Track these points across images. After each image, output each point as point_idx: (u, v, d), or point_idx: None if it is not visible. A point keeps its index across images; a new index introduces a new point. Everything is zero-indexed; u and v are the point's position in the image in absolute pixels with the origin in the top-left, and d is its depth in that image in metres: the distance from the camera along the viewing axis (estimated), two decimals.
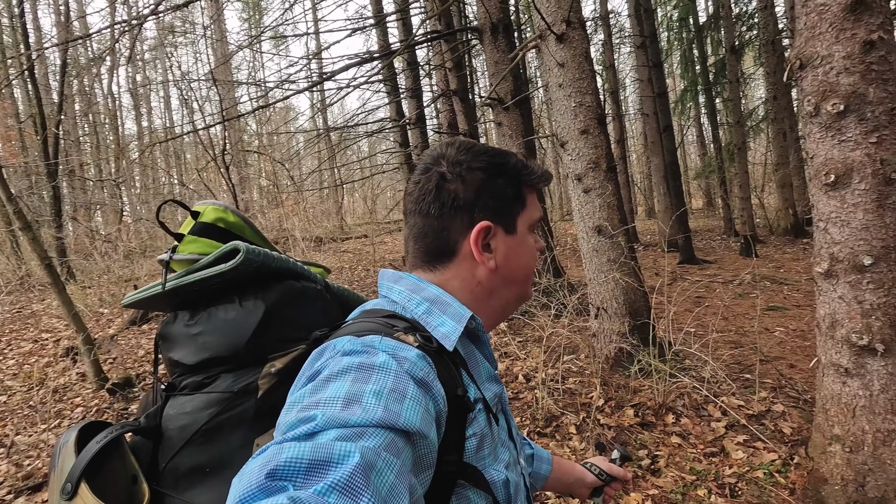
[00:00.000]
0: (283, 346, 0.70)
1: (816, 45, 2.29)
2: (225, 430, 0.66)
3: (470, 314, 0.65)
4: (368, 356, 0.52)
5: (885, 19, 2.16)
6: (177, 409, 0.69)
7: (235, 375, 0.69)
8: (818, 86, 2.29)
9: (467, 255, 0.67)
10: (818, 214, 2.42)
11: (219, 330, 0.71)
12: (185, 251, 0.78)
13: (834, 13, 2.21)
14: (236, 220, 0.83)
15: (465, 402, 0.58)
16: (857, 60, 2.19)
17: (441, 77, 8.54)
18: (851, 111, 2.20)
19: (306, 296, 0.77)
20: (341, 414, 0.44)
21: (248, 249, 0.70)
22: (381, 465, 0.41)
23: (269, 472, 0.38)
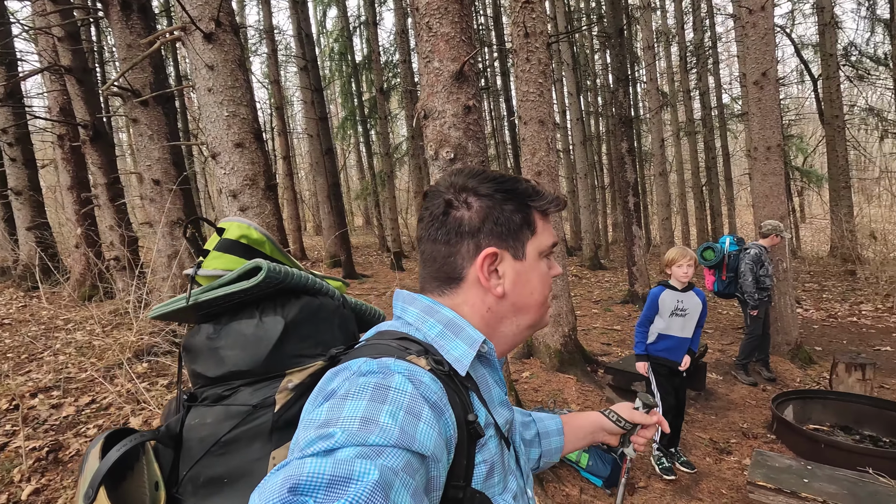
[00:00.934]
0: (301, 362, 0.71)
1: (435, 100, 2.76)
2: (243, 442, 0.67)
3: (483, 339, 0.66)
4: (384, 377, 0.53)
5: (476, 91, 2.79)
6: (197, 419, 0.70)
7: (254, 389, 0.70)
8: (436, 135, 2.77)
9: (475, 282, 0.68)
10: None
11: (239, 344, 0.72)
12: (209, 267, 0.80)
13: (446, 78, 2.71)
14: (259, 237, 0.85)
15: (476, 427, 0.58)
16: (461, 119, 2.74)
17: (50, 46, 6.47)
18: (459, 159, 2.74)
19: (324, 312, 0.78)
20: (359, 433, 0.45)
21: (270, 268, 0.72)
22: (398, 485, 0.42)
23: (290, 486, 0.39)
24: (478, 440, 0.59)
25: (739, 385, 4.76)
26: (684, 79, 14.66)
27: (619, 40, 7.27)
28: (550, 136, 4.60)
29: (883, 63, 15.82)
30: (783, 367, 5.10)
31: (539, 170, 4.57)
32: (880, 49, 15.67)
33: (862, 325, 6.79)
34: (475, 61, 2.80)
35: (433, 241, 0.69)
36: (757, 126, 5.09)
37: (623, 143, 7.42)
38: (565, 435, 0.98)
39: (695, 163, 15.22)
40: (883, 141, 17.71)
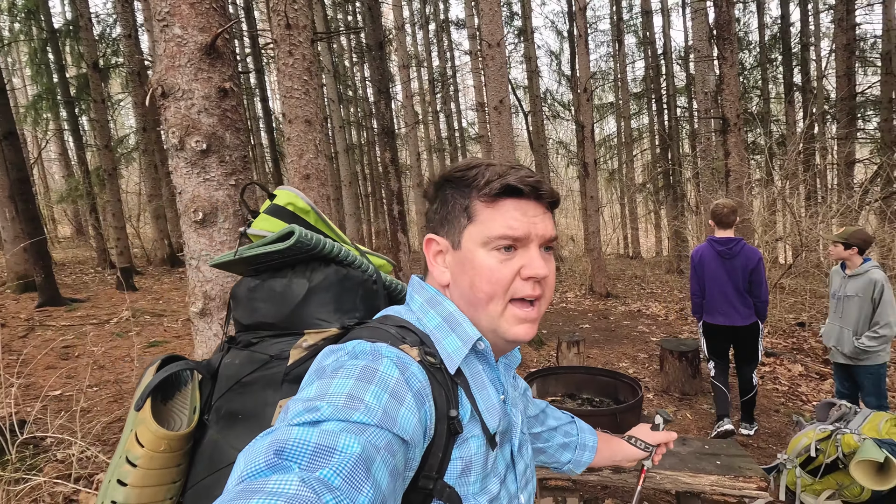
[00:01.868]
0: (320, 324, 0.77)
1: (178, 76, 2.20)
2: (258, 385, 0.74)
3: (478, 336, 0.66)
4: (374, 360, 0.55)
5: (234, 72, 2.35)
6: (230, 359, 0.80)
7: (275, 341, 0.77)
8: (181, 119, 2.21)
9: (430, 270, 0.72)
10: (190, 252, 2.33)
11: (269, 299, 0.79)
12: (256, 227, 0.90)
13: (192, 50, 2.19)
14: (304, 206, 0.93)
15: (456, 423, 0.58)
16: (214, 104, 2.25)
17: None
18: (213, 151, 2.25)
19: (349, 282, 0.81)
20: (344, 409, 0.47)
21: (302, 234, 0.76)
22: (379, 462, 0.44)
23: (276, 449, 0.41)
24: (457, 436, 0.59)
25: None
26: (433, 100, 16.29)
27: (380, 53, 7.50)
28: (318, 137, 4.34)
29: (567, 108, 20.77)
30: (524, 351, 6.02)
31: (307, 173, 4.26)
32: (566, 97, 20.49)
33: (570, 309, 8.63)
34: (230, 35, 2.35)
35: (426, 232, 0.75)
36: (497, 146, 5.89)
37: (387, 153, 7.68)
38: (597, 453, 1.06)
39: None
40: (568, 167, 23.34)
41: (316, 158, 4.32)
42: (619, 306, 8.74)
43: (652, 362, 5.58)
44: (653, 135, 18.15)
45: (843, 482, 2.55)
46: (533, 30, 15.57)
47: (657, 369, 5.20)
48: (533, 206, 0.66)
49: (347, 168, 12.55)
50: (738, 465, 2.50)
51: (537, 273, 0.65)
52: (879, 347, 3.16)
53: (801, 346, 5.83)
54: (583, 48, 8.91)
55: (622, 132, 19.10)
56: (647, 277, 12.05)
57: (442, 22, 17.40)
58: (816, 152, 13.90)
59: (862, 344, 3.18)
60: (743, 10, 16.62)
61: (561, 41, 20.04)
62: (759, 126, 15.44)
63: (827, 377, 4.79)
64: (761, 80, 16.55)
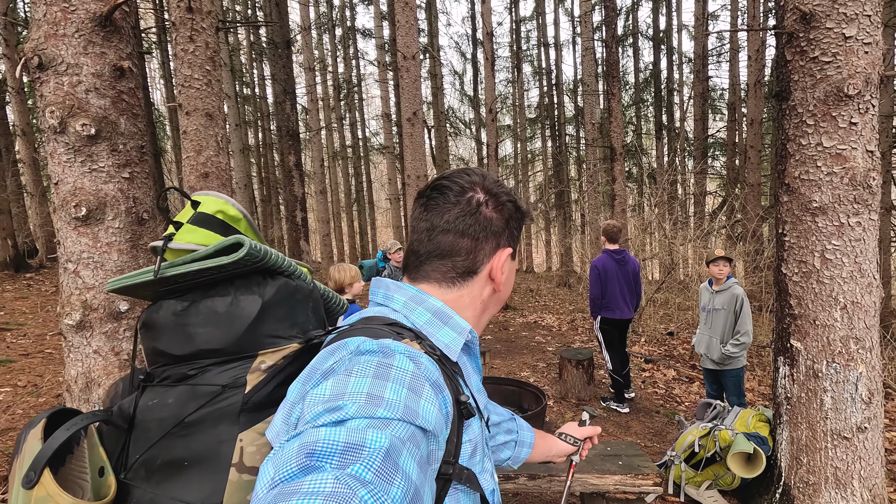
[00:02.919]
0: (275, 343, 0.71)
1: (62, 47, 1.87)
2: (208, 423, 0.65)
3: (469, 327, 0.70)
4: (385, 356, 0.55)
5: (133, 51, 2.06)
6: (156, 399, 0.68)
7: (223, 369, 0.68)
8: (64, 97, 1.88)
9: (484, 276, 0.73)
10: (66, 254, 1.97)
11: (212, 322, 0.70)
12: (183, 240, 0.78)
13: (82, 18, 1.88)
14: (236, 213, 0.84)
15: (468, 406, 0.60)
16: (108, 84, 1.95)
17: None
18: (104, 138, 1.94)
19: (299, 294, 0.77)
20: (367, 406, 0.47)
21: (252, 245, 0.70)
22: (406, 454, 0.45)
23: (308, 452, 0.41)
24: (466, 420, 0.61)
25: None
26: (337, 107, 15.90)
27: (287, 52, 7.14)
28: (220, 132, 3.98)
29: (468, 126, 21.57)
30: None
31: (206, 171, 3.88)
32: (468, 115, 21.26)
33: None
34: (131, 8, 2.06)
35: (459, 234, 0.70)
36: (409, 156, 5.89)
37: (291, 157, 7.29)
38: (534, 449, 1.10)
39: (347, 185, 16.66)
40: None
41: (217, 156, 3.95)
42: (517, 318, 9.16)
43: (550, 371, 5.91)
44: (546, 158, 19.54)
45: (719, 472, 2.90)
46: (439, 48, 16.00)
47: (555, 377, 5.51)
48: None
49: (242, 170, 11.69)
50: (637, 463, 2.72)
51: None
52: (740, 353, 3.68)
53: (672, 353, 6.58)
54: (489, 71, 9.32)
55: (518, 154, 20.31)
56: (540, 291, 12.82)
57: (348, 28, 17.14)
58: (679, 184, 16.02)
59: (728, 350, 3.67)
60: (622, 54, 18.72)
61: (465, 63, 20.85)
62: (634, 157, 17.43)
63: (695, 380, 5.45)
64: (636, 117, 18.74)
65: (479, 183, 0.73)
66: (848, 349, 2.41)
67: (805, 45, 2.35)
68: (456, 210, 0.71)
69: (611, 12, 8.31)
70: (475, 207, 0.71)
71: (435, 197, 0.72)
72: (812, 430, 2.53)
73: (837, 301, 2.40)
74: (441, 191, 0.72)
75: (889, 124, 7.27)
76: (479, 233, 0.71)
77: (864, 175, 2.31)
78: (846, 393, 2.42)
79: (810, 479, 2.54)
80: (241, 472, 0.62)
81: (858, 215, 2.33)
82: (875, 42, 2.25)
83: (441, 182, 0.73)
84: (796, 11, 2.35)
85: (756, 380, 5.38)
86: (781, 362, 2.68)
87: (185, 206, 0.84)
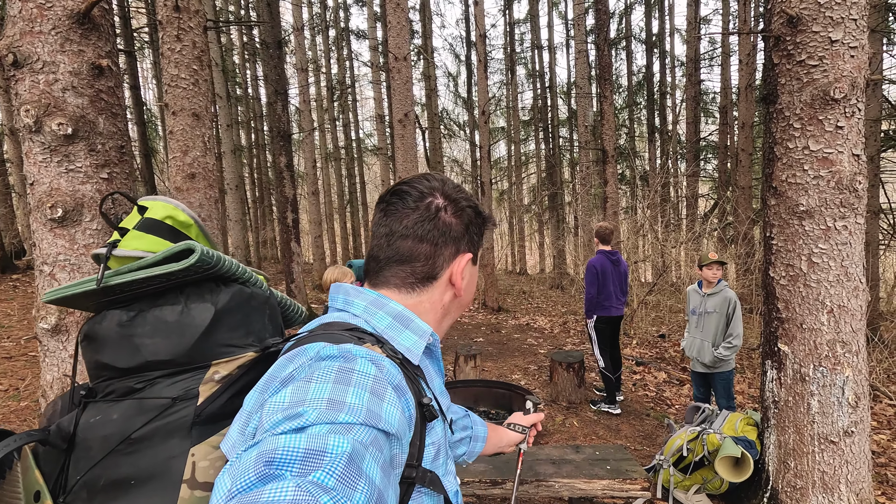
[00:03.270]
0: (230, 352, 0.69)
1: (38, 44, 1.83)
2: (157, 438, 0.62)
3: (430, 331, 0.70)
4: (347, 361, 0.54)
5: (113, 49, 2.02)
6: (99, 416, 0.64)
7: (173, 381, 0.65)
8: (39, 96, 1.84)
9: (444, 282, 0.73)
10: (42, 255, 1.93)
11: (160, 332, 0.67)
12: (129, 247, 0.75)
13: (59, 15, 1.84)
14: (186, 219, 0.81)
15: (431, 409, 0.61)
16: (86, 82, 1.91)
17: None
18: (81, 138, 1.90)
19: (255, 301, 0.76)
20: (328, 412, 0.46)
21: (204, 251, 0.68)
22: (369, 459, 0.44)
23: (266, 461, 0.39)
24: (429, 423, 0.61)
25: None
26: (330, 108, 15.84)
27: (279, 52, 7.10)
28: (207, 133, 3.93)
29: (462, 128, 21.57)
30: None
31: (193, 172, 3.83)
32: (462, 117, 21.27)
33: (464, 323, 8.83)
34: (111, 6, 2.03)
35: (418, 240, 0.70)
36: (401, 158, 5.87)
37: (282, 158, 7.24)
38: (487, 442, 1.12)
39: (340, 186, 16.59)
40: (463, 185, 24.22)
41: (204, 156, 3.90)
42: (509, 320, 9.15)
43: (541, 373, 5.89)
44: (539, 160, 19.58)
45: (707, 476, 2.89)
46: (433, 50, 15.99)
47: (546, 380, 5.50)
48: None
49: (234, 171, 11.62)
50: (625, 468, 2.70)
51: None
52: (731, 356, 3.68)
53: (663, 356, 6.59)
54: (482, 73, 9.32)
55: (512, 156, 20.33)
56: (533, 293, 12.82)
57: (342, 30, 17.10)
58: (671, 186, 16.10)
59: (720, 353, 3.66)
60: (615, 57, 18.80)
61: (459, 65, 20.85)
62: (627, 160, 17.50)
63: (685, 383, 5.46)
64: (628, 120, 18.82)
65: (438, 188, 0.73)
66: (835, 353, 2.41)
67: (792, 48, 2.35)
68: (415, 215, 0.71)
69: (602, 15, 8.34)
70: (434, 213, 0.71)
71: (394, 202, 0.72)
72: (799, 434, 2.53)
73: (824, 305, 2.40)
74: (400, 196, 0.72)
75: (877, 129, 7.33)
76: (437, 238, 0.71)
77: (850, 179, 2.31)
78: (833, 397, 2.42)
79: (798, 484, 2.54)
80: (193, 488, 0.60)
81: (845, 219, 2.33)
82: (861, 46, 2.25)
83: (401, 187, 0.73)
84: (783, 15, 2.35)
85: (746, 382, 5.39)
86: (769, 366, 2.68)
87: (132, 212, 0.81)
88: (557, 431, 4.30)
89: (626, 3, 17.33)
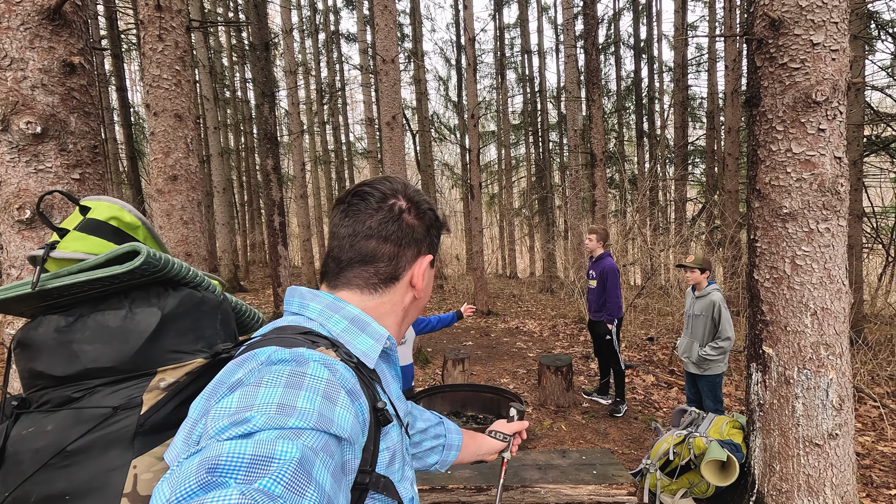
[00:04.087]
0: (178, 358, 0.66)
1: (5, 40, 1.78)
2: (96, 450, 0.59)
3: (387, 334, 0.69)
4: (299, 365, 0.52)
5: (86, 46, 1.97)
6: (32, 428, 0.61)
7: (114, 389, 0.62)
8: (7, 93, 1.78)
9: (405, 283, 0.73)
10: (9, 259, 1.88)
11: (102, 338, 0.64)
12: (69, 248, 0.70)
13: (28, 11, 1.79)
14: (132, 220, 0.78)
15: (385, 414, 0.60)
16: (57, 80, 1.86)
17: None
18: (52, 137, 1.84)
19: (206, 306, 0.73)
20: (277, 416, 0.44)
21: (149, 253, 0.65)
22: (319, 465, 0.43)
23: (209, 468, 0.38)
24: (383, 427, 0.60)
25: None
26: (320, 111, 15.77)
27: (266, 54, 7.04)
28: (190, 134, 3.87)
29: (452, 132, 21.59)
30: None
31: (175, 174, 3.76)
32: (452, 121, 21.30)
33: (454, 327, 8.78)
34: (83, 3, 1.97)
35: (382, 240, 0.70)
36: (389, 161, 5.83)
37: (269, 160, 7.17)
38: (464, 450, 1.11)
39: (329, 190, 16.50)
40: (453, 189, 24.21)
41: (186, 158, 3.84)
42: (499, 324, 9.12)
43: (530, 377, 5.87)
44: (529, 164, 19.64)
45: (694, 480, 2.88)
46: (423, 53, 15.99)
47: (535, 384, 5.47)
48: None
49: (221, 173, 11.50)
50: (611, 472, 2.68)
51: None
52: (718, 357, 3.68)
53: (651, 359, 6.59)
54: (471, 77, 9.32)
55: (502, 159, 20.37)
56: (523, 296, 12.81)
57: (332, 33, 17.05)
58: (660, 190, 16.22)
59: (704, 352, 3.67)
60: (604, 62, 18.95)
61: (449, 69, 20.89)
62: (616, 164, 17.61)
63: (673, 385, 5.46)
64: (618, 125, 18.96)
65: (400, 191, 0.73)
66: (818, 355, 2.41)
67: (774, 51, 2.35)
68: (378, 216, 0.70)
69: (590, 20, 8.39)
70: (398, 214, 0.71)
71: (356, 203, 0.71)
72: (784, 437, 2.52)
73: (808, 307, 2.40)
74: (363, 197, 0.72)
75: (860, 133, 7.43)
76: (401, 239, 0.71)
77: (832, 181, 2.31)
78: (817, 399, 2.42)
79: (783, 487, 2.53)
80: (133, 502, 0.57)
81: (827, 221, 2.34)
82: (842, 49, 2.26)
83: (362, 188, 0.72)
84: (765, 18, 2.35)
85: (734, 385, 5.41)
86: (754, 368, 2.67)
87: (74, 212, 0.77)
88: (545, 436, 4.27)
89: (615, 9, 17.50)
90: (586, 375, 5.88)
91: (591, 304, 4.82)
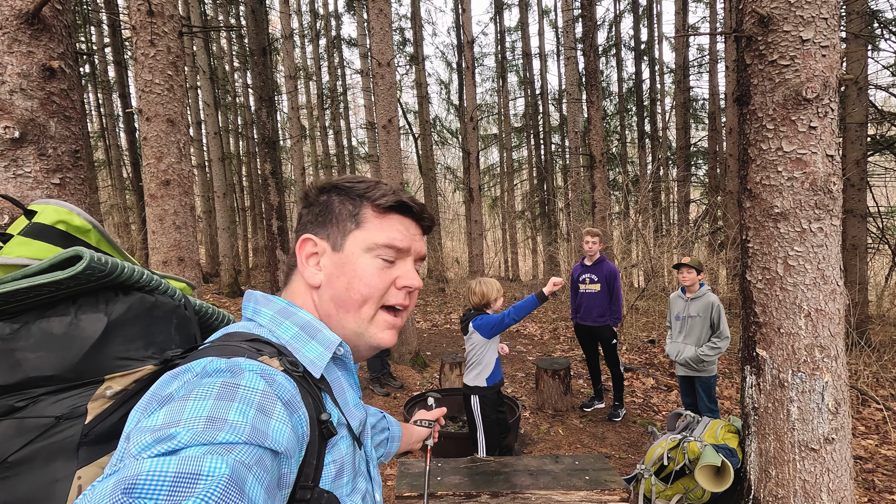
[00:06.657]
0: (127, 365, 0.64)
1: None
2: (38, 461, 0.57)
3: (339, 341, 0.67)
4: (233, 376, 0.51)
5: (66, 50, 1.96)
6: None
7: (59, 398, 0.60)
8: None
9: (300, 271, 0.69)
10: None
11: (45, 345, 0.62)
12: (11, 254, 0.68)
13: (6, 15, 1.78)
14: (82, 224, 0.74)
15: (329, 427, 0.58)
16: (36, 85, 1.85)
17: None
18: (30, 142, 1.84)
19: (159, 311, 0.71)
20: (205, 432, 0.42)
21: (93, 257, 0.63)
22: (252, 480, 0.41)
23: (125, 488, 0.36)
24: (329, 440, 0.59)
25: (376, 397, 5.18)
26: (321, 115, 15.82)
27: (263, 59, 7.06)
28: (183, 139, 3.87)
29: (454, 135, 21.59)
30: (407, 374, 5.91)
31: (168, 178, 3.76)
32: (454, 125, 21.31)
33: (454, 330, 8.75)
34: (64, 5, 1.97)
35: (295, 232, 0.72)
36: (385, 164, 5.82)
37: (267, 165, 7.18)
38: (400, 444, 1.12)
39: None
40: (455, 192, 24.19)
41: (179, 163, 3.84)
42: None
43: (528, 381, 5.82)
44: (531, 167, 19.61)
45: (689, 486, 2.82)
46: (424, 57, 16.02)
47: (533, 387, 5.42)
48: (415, 225, 0.73)
49: (222, 178, 11.54)
50: (604, 478, 2.63)
51: (412, 284, 0.71)
52: (714, 356, 3.63)
53: (651, 361, 6.53)
54: (470, 80, 9.33)
55: (504, 162, 20.36)
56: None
57: (334, 38, 17.12)
58: (662, 192, 16.13)
59: (702, 352, 3.62)
60: (605, 65, 18.92)
61: (450, 72, 20.91)
62: (618, 165, 17.54)
63: (673, 388, 5.40)
64: (620, 126, 18.90)
65: (316, 183, 0.75)
66: (813, 358, 2.36)
67: (763, 48, 2.32)
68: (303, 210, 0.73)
69: (588, 22, 8.38)
70: (303, 205, 0.75)
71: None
72: (780, 441, 2.47)
73: (801, 308, 2.35)
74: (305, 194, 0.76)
75: (863, 133, 7.35)
76: (298, 228, 0.73)
77: (824, 180, 2.27)
78: (812, 403, 2.37)
79: (779, 493, 2.48)
80: None
81: (820, 221, 2.30)
82: (833, 45, 2.23)
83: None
84: (755, 14, 2.32)
85: (734, 387, 5.34)
86: (748, 371, 2.63)
87: (20, 217, 0.75)
88: (542, 440, 4.22)
89: (616, 11, 17.47)
90: (585, 379, 5.82)
91: (590, 309, 4.61)
